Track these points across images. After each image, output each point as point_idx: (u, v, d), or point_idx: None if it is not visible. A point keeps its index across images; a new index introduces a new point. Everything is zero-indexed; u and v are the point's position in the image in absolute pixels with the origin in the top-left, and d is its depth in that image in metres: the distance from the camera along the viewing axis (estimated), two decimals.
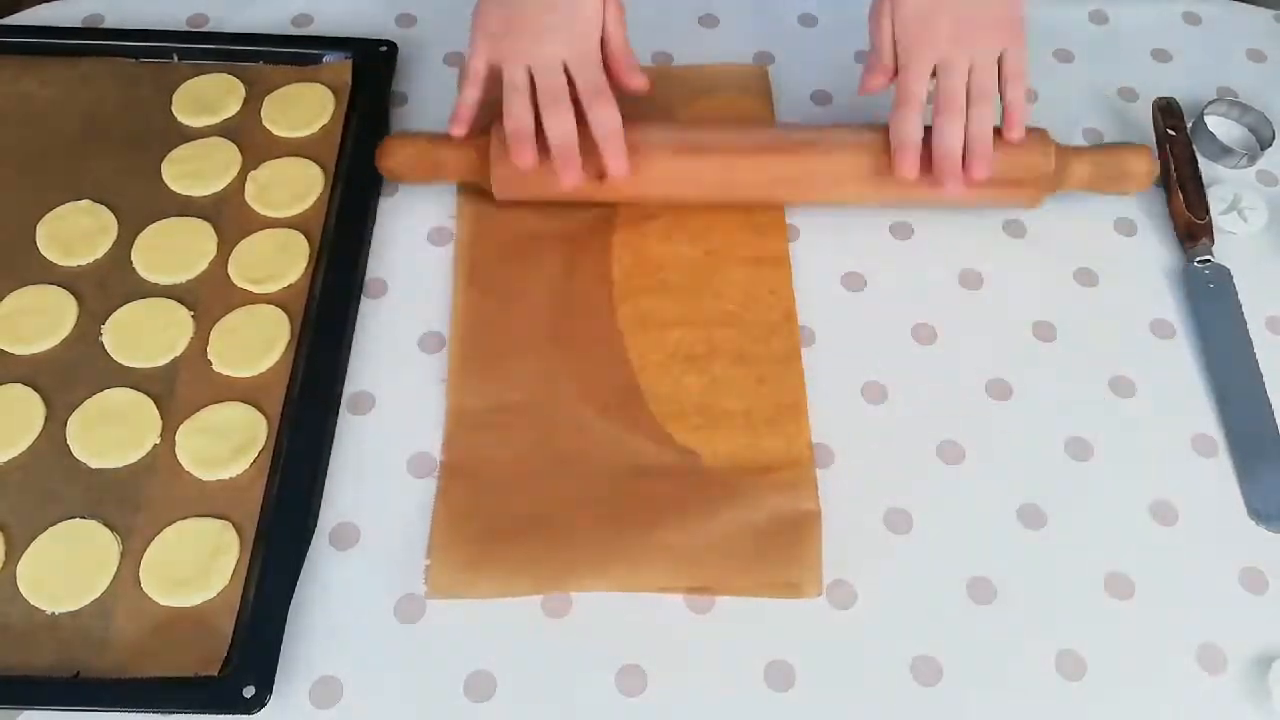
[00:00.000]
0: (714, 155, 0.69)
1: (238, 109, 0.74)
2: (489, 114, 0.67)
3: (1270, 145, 0.76)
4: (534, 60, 0.66)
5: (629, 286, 0.68)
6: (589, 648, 0.56)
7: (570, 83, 0.65)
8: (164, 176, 0.70)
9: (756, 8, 0.83)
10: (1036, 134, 0.68)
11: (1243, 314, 0.68)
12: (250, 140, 0.73)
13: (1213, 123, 0.77)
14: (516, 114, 0.65)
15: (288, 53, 0.76)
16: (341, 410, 0.62)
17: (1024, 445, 0.63)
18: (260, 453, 0.60)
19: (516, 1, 0.67)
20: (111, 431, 0.60)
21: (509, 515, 0.59)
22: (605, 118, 0.65)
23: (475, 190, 0.70)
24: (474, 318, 0.66)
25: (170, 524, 0.57)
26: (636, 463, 0.61)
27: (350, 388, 0.63)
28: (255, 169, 0.71)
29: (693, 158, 0.68)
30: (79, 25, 0.79)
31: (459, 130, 0.68)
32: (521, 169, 0.65)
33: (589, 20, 0.67)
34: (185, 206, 0.69)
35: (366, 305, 0.67)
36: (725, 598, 0.57)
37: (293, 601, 0.55)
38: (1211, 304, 0.69)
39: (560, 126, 0.65)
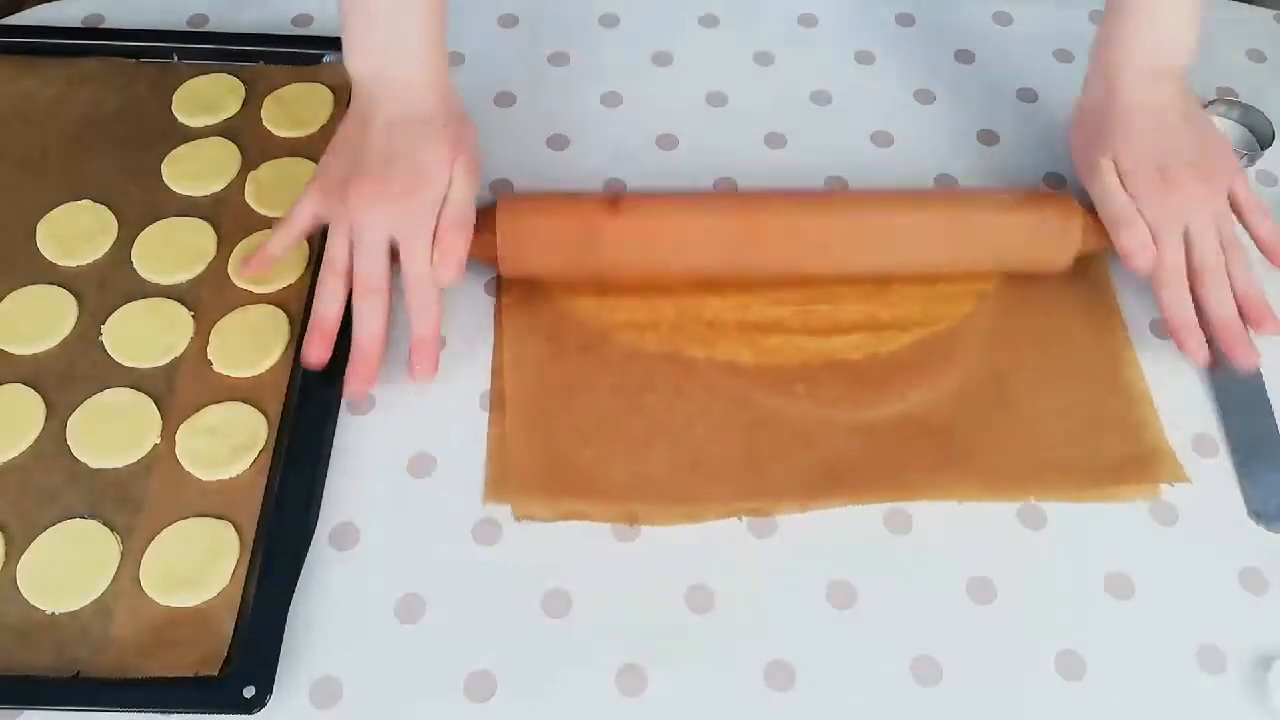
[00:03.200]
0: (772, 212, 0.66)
1: (238, 109, 0.74)
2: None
3: (1270, 145, 0.76)
4: (358, 228, 0.61)
5: None
6: (589, 648, 0.56)
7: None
8: (164, 176, 0.70)
9: (756, 8, 0.83)
10: (1062, 204, 0.67)
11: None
12: (250, 140, 0.73)
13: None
14: (325, 298, 0.61)
15: (288, 53, 0.76)
16: (341, 410, 0.62)
17: None
18: (260, 453, 0.60)
19: (358, 156, 0.62)
20: (111, 431, 0.60)
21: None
22: (421, 312, 0.61)
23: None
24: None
25: (170, 524, 0.57)
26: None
27: None
28: (255, 169, 0.71)
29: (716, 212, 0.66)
30: (79, 25, 0.79)
31: (248, 274, 0.64)
32: (307, 364, 0.60)
33: (429, 186, 0.61)
34: (185, 206, 0.69)
35: None
36: (730, 595, 0.57)
37: (293, 601, 0.55)
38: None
39: (365, 325, 0.60)
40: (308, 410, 0.61)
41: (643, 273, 0.66)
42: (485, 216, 0.64)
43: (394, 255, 0.62)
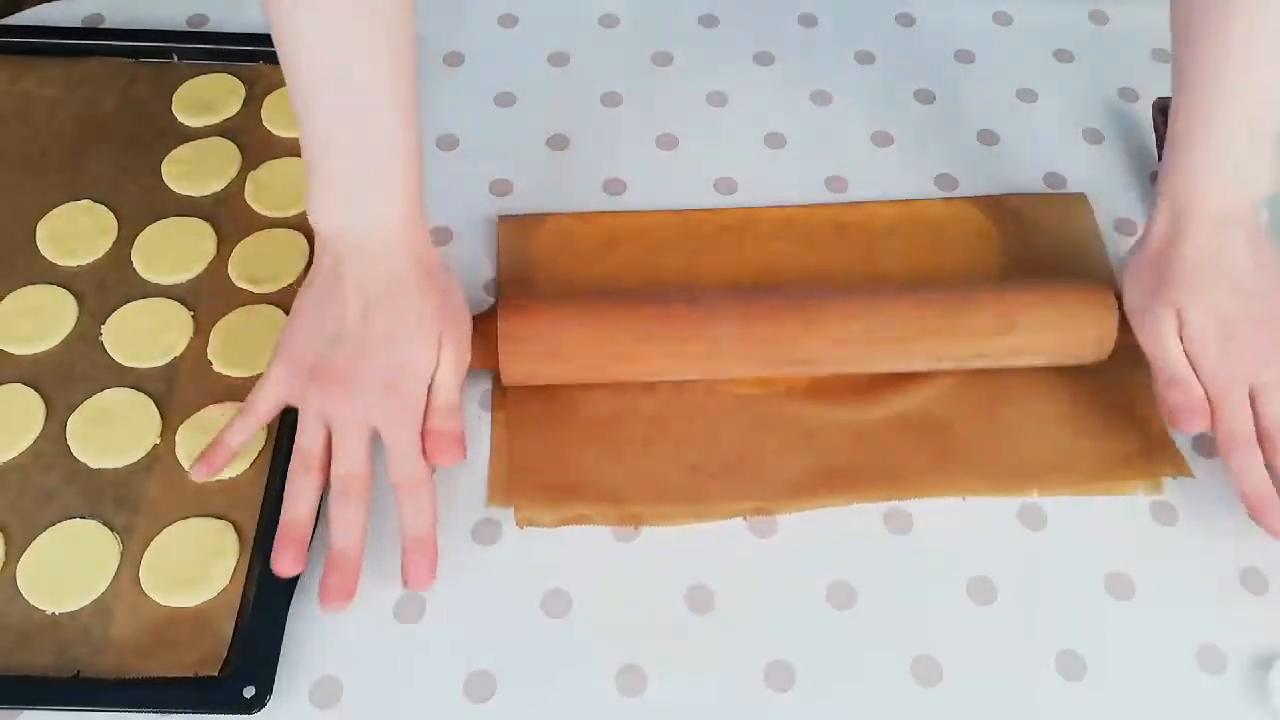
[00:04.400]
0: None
1: (238, 109, 0.74)
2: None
3: None
4: (335, 422, 0.55)
5: None
6: (589, 648, 0.56)
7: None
8: (164, 176, 0.70)
9: (756, 7, 0.83)
10: (1103, 307, 0.62)
11: None
12: (250, 140, 0.72)
13: None
14: (296, 500, 0.54)
15: None
16: None
17: None
18: (260, 453, 0.60)
19: (330, 338, 0.55)
20: (111, 431, 0.60)
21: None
22: (414, 514, 0.54)
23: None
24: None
25: (170, 524, 0.57)
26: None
27: None
28: (255, 169, 0.71)
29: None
30: (79, 25, 0.79)
31: (202, 475, 0.56)
32: (280, 574, 0.54)
33: (415, 374, 0.55)
34: (185, 206, 0.69)
35: None
36: (730, 595, 0.57)
37: (293, 601, 0.55)
38: None
39: (343, 533, 0.54)
40: None
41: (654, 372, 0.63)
42: (485, 322, 0.60)
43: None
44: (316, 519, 0.55)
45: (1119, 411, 0.63)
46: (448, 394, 0.57)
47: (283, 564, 0.54)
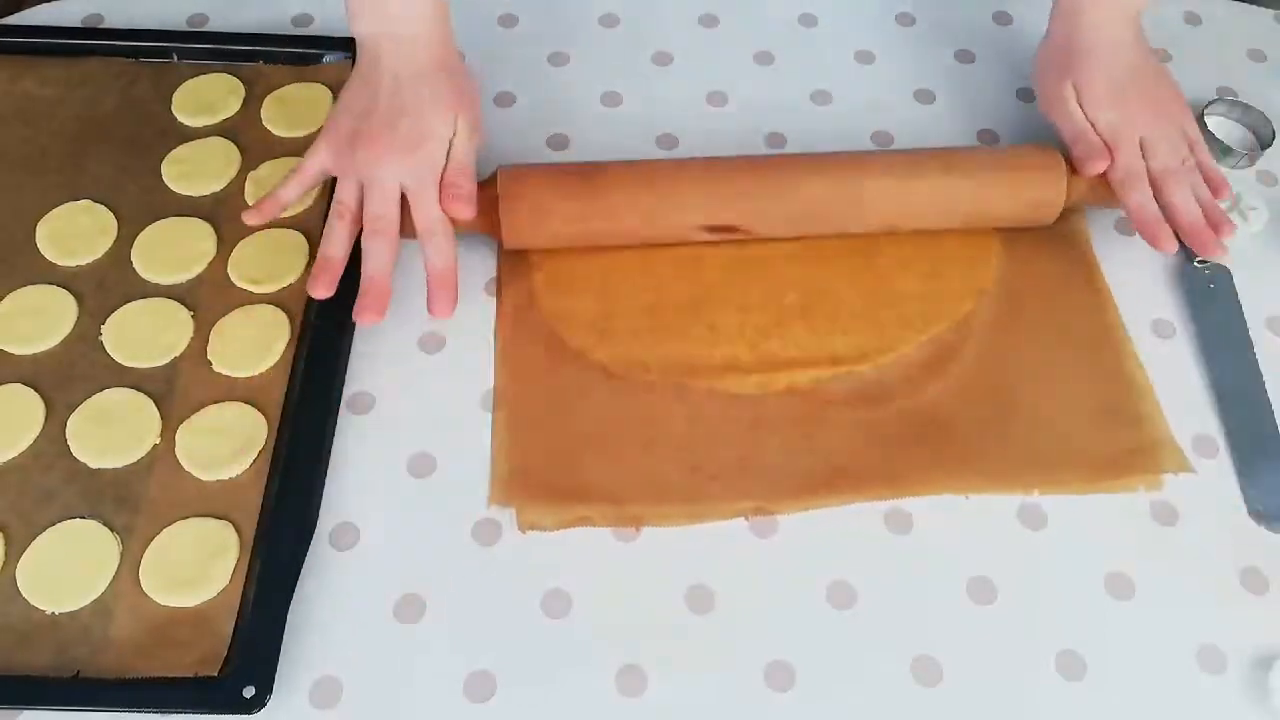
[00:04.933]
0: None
1: (238, 109, 0.74)
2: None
3: (1270, 145, 0.76)
4: (368, 179, 0.63)
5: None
6: (589, 648, 0.56)
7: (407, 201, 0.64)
8: (164, 176, 0.70)
9: (756, 7, 0.83)
10: (1048, 157, 0.68)
11: (1243, 314, 0.68)
12: (250, 140, 0.72)
13: (1213, 123, 0.77)
14: (333, 241, 0.63)
15: (288, 53, 0.76)
16: (341, 410, 0.62)
17: None
18: (260, 453, 0.60)
19: (365, 112, 0.64)
20: (111, 431, 0.60)
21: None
22: (436, 253, 0.63)
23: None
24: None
25: (170, 524, 0.57)
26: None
27: (350, 388, 0.63)
28: (255, 169, 0.71)
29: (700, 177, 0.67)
30: (79, 25, 0.79)
31: (253, 220, 0.65)
32: (313, 294, 0.62)
33: (434, 138, 0.64)
34: (185, 206, 0.69)
35: None
36: (730, 595, 0.57)
37: (293, 601, 0.55)
38: (1211, 304, 0.69)
39: (374, 260, 0.62)
40: (308, 410, 0.61)
41: (641, 233, 0.67)
42: (486, 187, 0.65)
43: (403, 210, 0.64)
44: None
45: (1119, 409, 0.64)
46: (462, 158, 0.65)
47: (318, 287, 0.62)
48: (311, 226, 0.68)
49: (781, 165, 0.68)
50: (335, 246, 0.63)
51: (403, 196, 0.63)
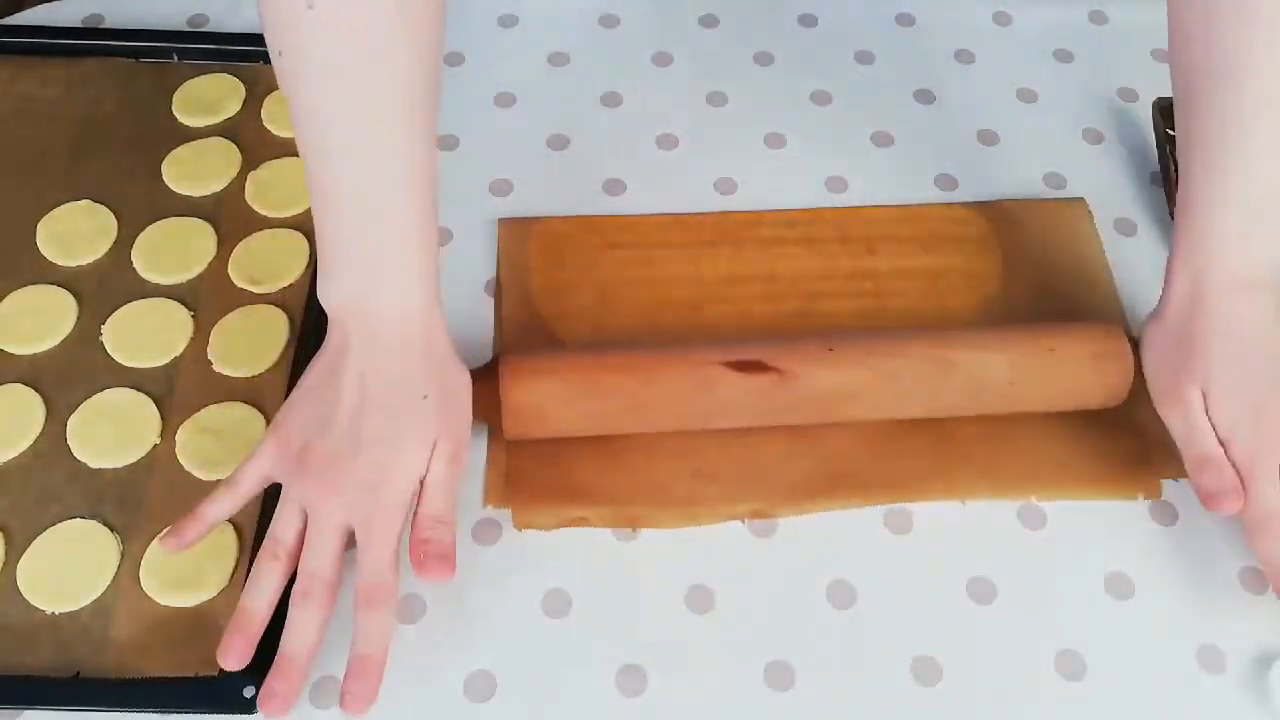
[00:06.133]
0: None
1: (238, 109, 0.74)
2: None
3: None
4: (312, 511, 0.52)
5: None
6: (589, 648, 0.56)
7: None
8: (164, 176, 0.70)
9: (756, 7, 0.83)
10: (1117, 352, 0.60)
11: None
12: (250, 140, 0.73)
13: None
14: (258, 589, 0.52)
15: None
16: None
17: None
18: None
19: (323, 422, 0.53)
20: (111, 431, 0.60)
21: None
22: (367, 633, 0.51)
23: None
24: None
25: (170, 524, 0.57)
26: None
27: None
28: (255, 169, 0.71)
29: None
30: (79, 25, 0.79)
31: (172, 546, 0.53)
32: (226, 667, 0.51)
33: (403, 478, 0.52)
34: (185, 206, 0.69)
35: None
36: (730, 595, 0.57)
37: None
38: None
39: (295, 635, 0.51)
40: None
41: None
42: (487, 378, 0.58)
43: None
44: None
45: (1119, 416, 0.63)
46: (438, 503, 0.53)
47: (230, 657, 0.51)
48: (311, 227, 0.68)
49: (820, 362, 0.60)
50: (259, 598, 0.52)
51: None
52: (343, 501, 0.52)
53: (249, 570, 0.56)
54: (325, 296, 0.55)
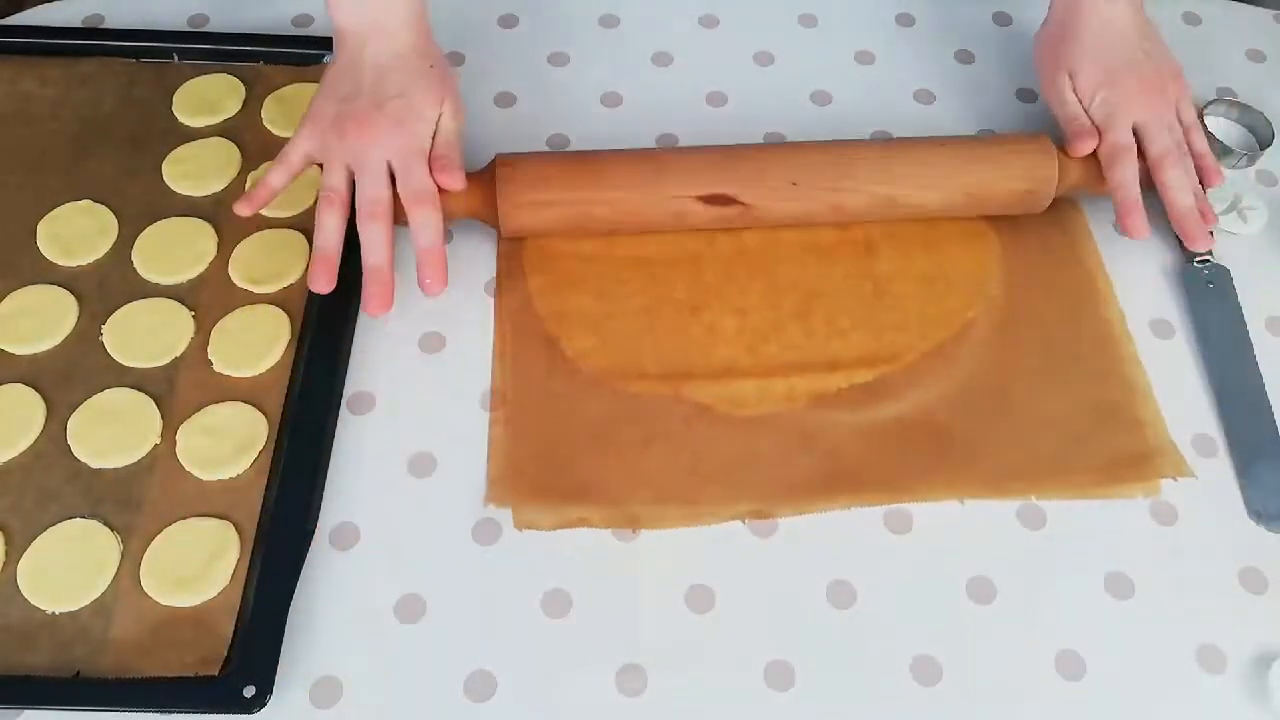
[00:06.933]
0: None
1: (238, 109, 0.74)
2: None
3: (1270, 145, 0.76)
4: (357, 161, 0.64)
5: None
6: (589, 648, 0.56)
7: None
8: (164, 176, 0.70)
9: (756, 7, 0.83)
10: (1039, 141, 0.69)
11: (1242, 314, 0.68)
12: (250, 140, 0.73)
13: (1212, 123, 0.77)
14: (326, 230, 0.63)
15: (288, 53, 0.76)
16: (341, 410, 0.62)
17: None
18: (260, 453, 0.60)
19: (350, 95, 0.65)
20: (111, 431, 0.60)
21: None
22: (423, 228, 0.63)
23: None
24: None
25: (170, 524, 0.57)
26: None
27: (350, 388, 0.63)
28: (255, 169, 0.71)
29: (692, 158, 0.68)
30: (79, 25, 0.79)
31: (245, 210, 0.64)
32: (315, 290, 0.62)
33: (421, 119, 0.65)
34: (185, 206, 0.69)
35: None
36: (730, 595, 0.57)
37: (293, 601, 0.55)
38: (1211, 304, 0.69)
39: (374, 250, 0.62)
40: (308, 410, 0.61)
41: (639, 209, 0.67)
42: (483, 173, 0.66)
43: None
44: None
45: (1119, 415, 0.63)
46: (449, 135, 0.66)
47: (319, 281, 0.62)
48: (311, 226, 0.68)
49: (776, 146, 0.70)
50: (329, 236, 0.63)
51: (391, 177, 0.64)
52: (380, 142, 0.63)
53: (249, 569, 0.56)
54: (336, 15, 0.66)
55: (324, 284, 0.62)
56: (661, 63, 0.80)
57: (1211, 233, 0.69)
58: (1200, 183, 0.69)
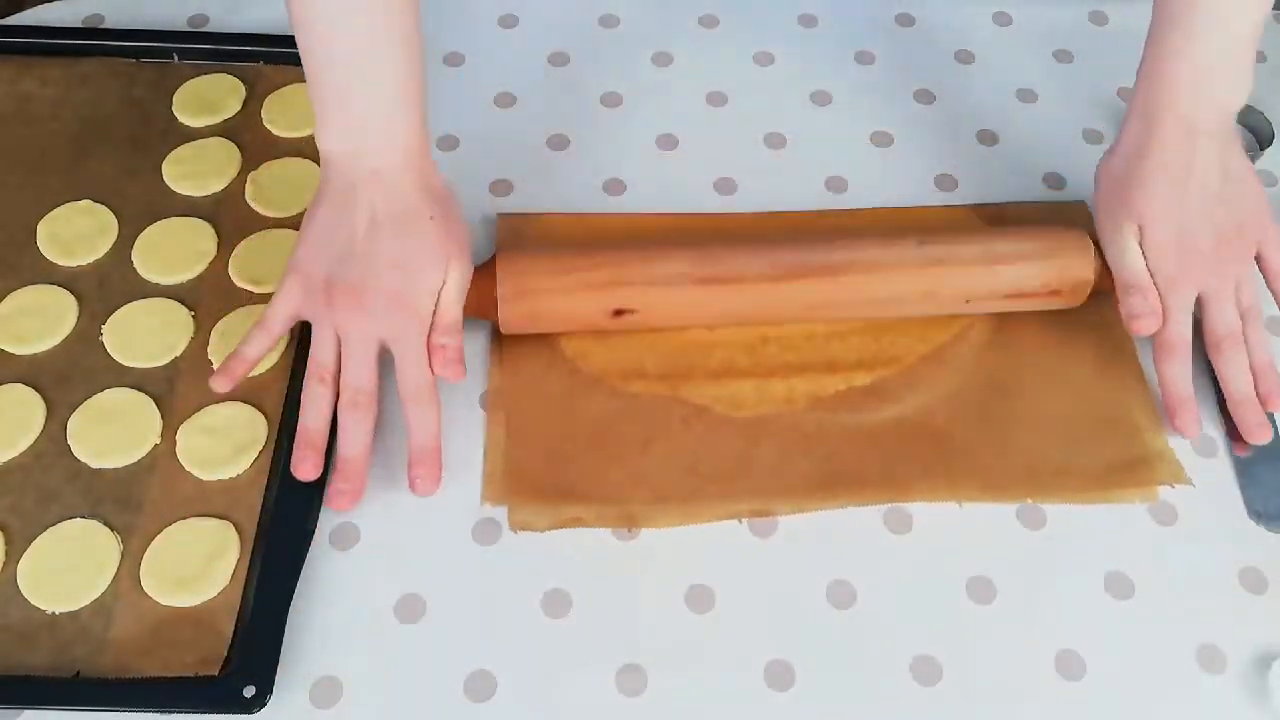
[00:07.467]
0: (742, 284, 0.63)
1: (238, 109, 0.74)
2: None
3: (1270, 145, 0.76)
4: (346, 336, 0.58)
5: None
6: (589, 648, 0.56)
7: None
8: (164, 176, 0.70)
9: (756, 7, 0.83)
10: (1079, 241, 0.64)
11: None
12: (250, 140, 0.73)
13: None
14: (313, 410, 0.58)
15: (288, 53, 0.76)
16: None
17: None
18: (260, 453, 0.60)
19: (342, 256, 0.58)
20: (111, 431, 0.60)
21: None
22: (420, 425, 0.58)
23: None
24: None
25: (170, 524, 0.57)
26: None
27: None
28: (255, 169, 0.71)
29: (718, 287, 0.63)
30: (79, 25, 0.79)
31: (222, 386, 0.59)
32: (301, 479, 0.57)
33: (422, 292, 0.58)
34: (185, 206, 0.69)
35: None
36: (730, 595, 0.57)
37: (293, 601, 0.55)
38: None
39: (352, 441, 0.57)
40: None
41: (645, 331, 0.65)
42: (485, 272, 0.62)
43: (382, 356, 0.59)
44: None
45: (1117, 420, 0.63)
46: (451, 312, 0.59)
47: (303, 468, 0.57)
48: None
49: (792, 267, 0.64)
50: (316, 417, 0.58)
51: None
52: (373, 321, 0.58)
53: (249, 569, 0.56)
54: (323, 142, 0.59)
55: (310, 470, 0.57)
56: (661, 62, 0.80)
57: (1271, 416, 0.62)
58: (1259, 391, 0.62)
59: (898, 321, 0.66)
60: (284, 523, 0.57)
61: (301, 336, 0.63)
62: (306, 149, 0.72)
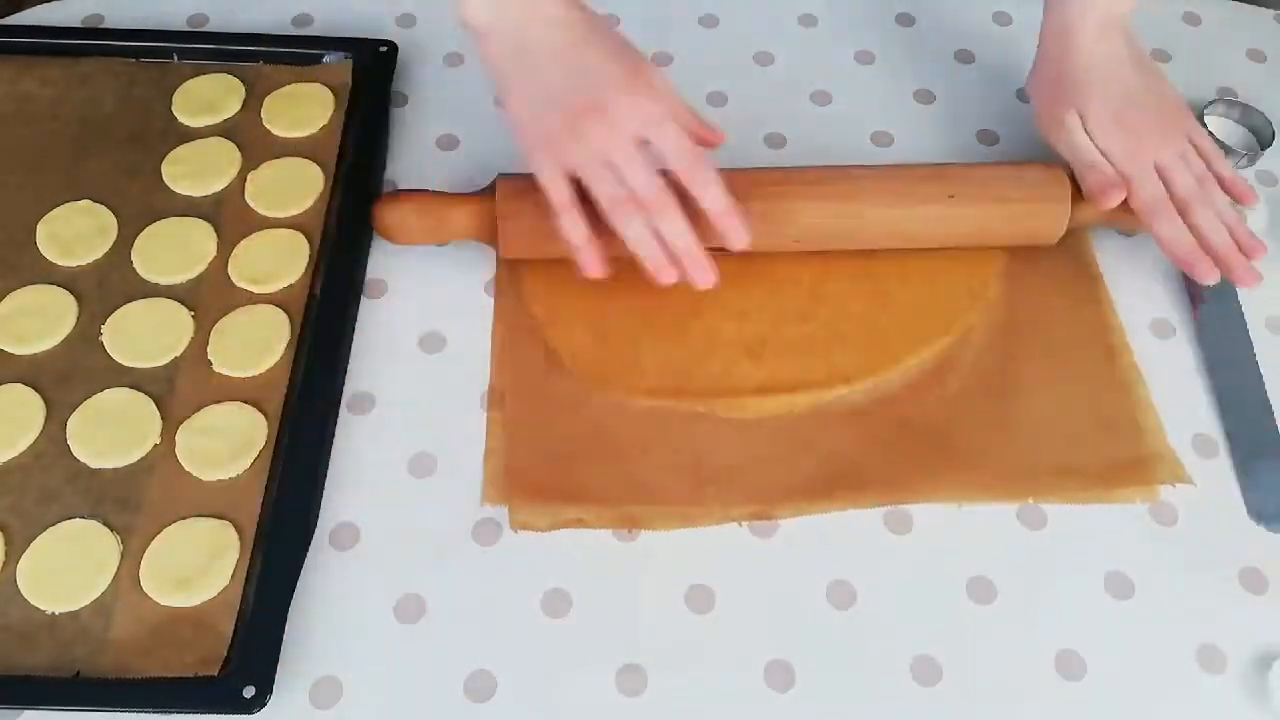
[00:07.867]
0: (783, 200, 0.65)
1: (238, 109, 0.74)
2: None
3: (1270, 145, 0.76)
4: (610, 150, 0.58)
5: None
6: (589, 648, 0.56)
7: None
8: (164, 176, 0.70)
9: (756, 7, 0.83)
10: (1056, 181, 0.67)
11: (1243, 314, 0.68)
12: (250, 140, 0.72)
13: (1213, 123, 0.77)
14: (571, 226, 0.59)
15: (288, 53, 0.76)
16: (341, 410, 0.62)
17: None
18: (260, 453, 0.60)
19: (551, 92, 0.58)
20: (111, 431, 0.60)
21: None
22: (705, 187, 0.58)
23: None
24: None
25: (170, 524, 0.57)
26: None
27: (350, 388, 0.63)
28: (255, 169, 0.71)
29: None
30: (79, 25, 0.79)
31: (596, 271, 0.60)
32: (591, 274, 0.59)
33: (641, 74, 0.59)
34: (185, 206, 0.69)
35: (366, 305, 0.67)
36: (730, 595, 0.57)
37: (293, 601, 0.55)
38: (1211, 304, 0.69)
39: (682, 231, 0.58)
40: (308, 410, 0.61)
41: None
42: (486, 195, 0.64)
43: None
44: None
45: (1117, 420, 0.63)
46: (670, 88, 0.60)
47: (594, 266, 0.59)
48: (311, 227, 0.68)
49: (781, 189, 0.66)
50: (577, 230, 0.59)
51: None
52: (620, 121, 0.57)
53: (249, 570, 0.56)
54: (470, 17, 0.60)
55: (601, 266, 0.59)
56: (662, 62, 0.80)
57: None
58: (1242, 201, 0.67)
59: (898, 322, 0.66)
60: (284, 523, 0.57)
61: (301, 335, 0.64)
62: (306, 149, 0.72)
